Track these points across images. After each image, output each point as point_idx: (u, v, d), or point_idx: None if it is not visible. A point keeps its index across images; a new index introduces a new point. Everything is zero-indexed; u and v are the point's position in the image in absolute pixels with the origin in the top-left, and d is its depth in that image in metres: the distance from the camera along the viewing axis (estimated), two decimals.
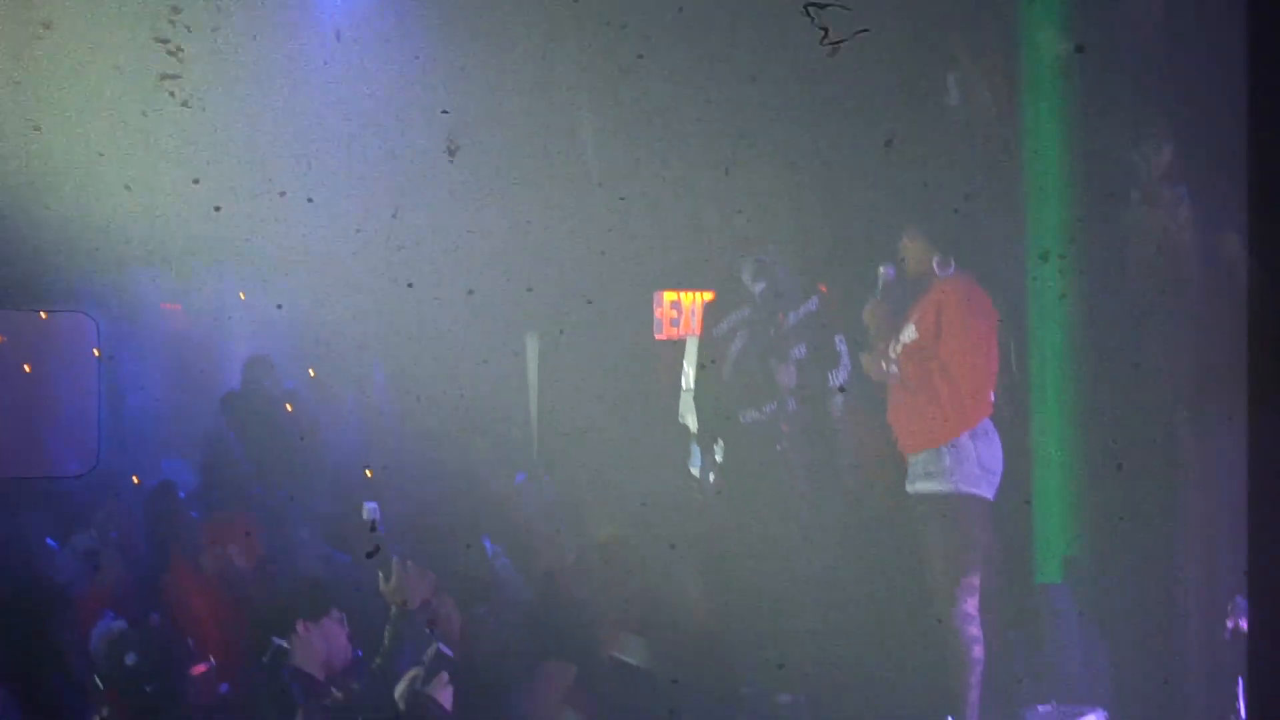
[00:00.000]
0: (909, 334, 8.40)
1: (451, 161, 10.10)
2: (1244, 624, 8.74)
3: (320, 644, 7.41)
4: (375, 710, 7.24)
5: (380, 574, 7.70)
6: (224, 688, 8.21)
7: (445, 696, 7.33)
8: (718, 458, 10.48)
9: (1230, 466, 8.97)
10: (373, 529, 8.44)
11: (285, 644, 7.37)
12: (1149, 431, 9.19)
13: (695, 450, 11.46)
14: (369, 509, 8.59)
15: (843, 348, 9.77)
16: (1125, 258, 9.31)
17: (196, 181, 9.32)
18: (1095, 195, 9.69)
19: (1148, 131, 9.52)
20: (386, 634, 7.54)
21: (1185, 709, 9.01)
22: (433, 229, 10.56)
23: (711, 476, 10.60)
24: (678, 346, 12.18)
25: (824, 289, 10.22)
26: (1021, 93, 9.84)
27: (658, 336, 12.16)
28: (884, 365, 8.45)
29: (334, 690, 7.37)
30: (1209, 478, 9.00)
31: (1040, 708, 8.98)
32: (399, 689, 7.32)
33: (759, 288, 9.92)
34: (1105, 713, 9.01)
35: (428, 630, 7.65)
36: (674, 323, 12.27)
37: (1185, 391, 9.13)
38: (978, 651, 8.22)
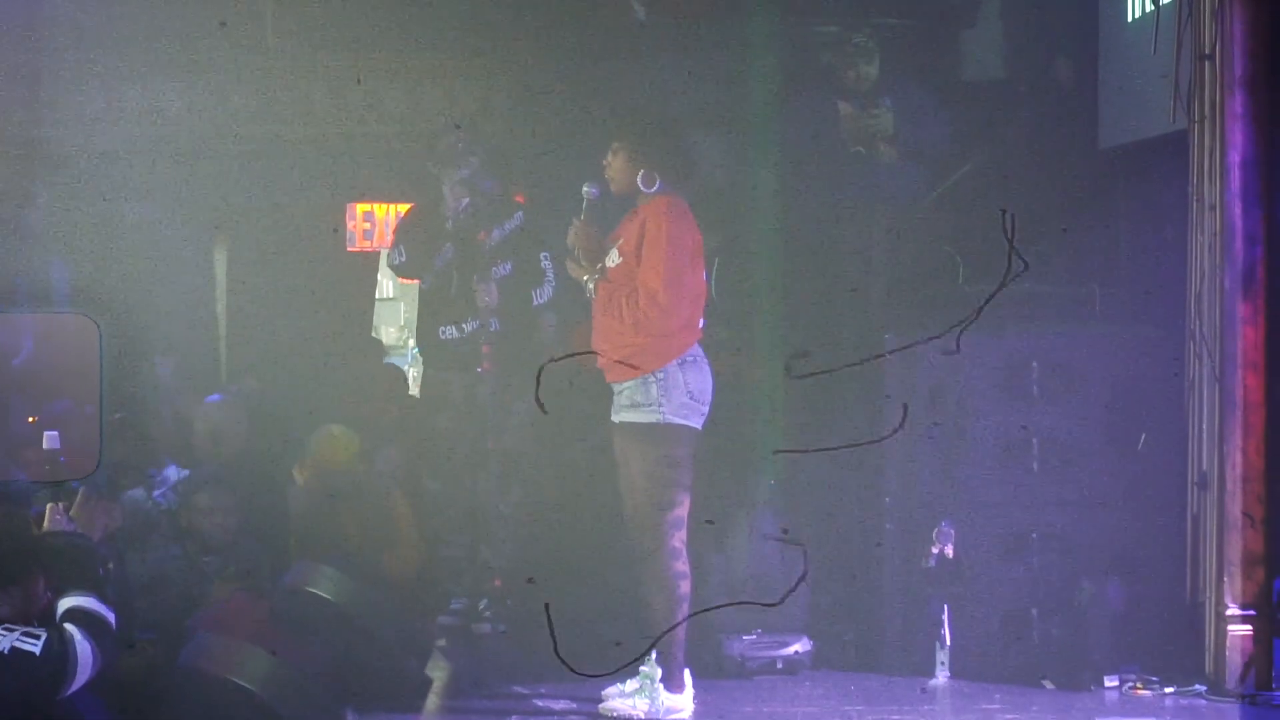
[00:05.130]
0: (613, 258, 8.14)
1: None
2: (950, 550, 8.77)
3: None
4: None
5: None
6: None
7: None
8: (412, 377, 10.23)
9: (934, 390, 9.01)
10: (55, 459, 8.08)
11: None
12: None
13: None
14: (49, 438, 8.20)
15: (548, 264, 9.58)
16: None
17: None
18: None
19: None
20: None
21: (890, 635, 9.06)
22: None
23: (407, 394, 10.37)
24: (370, 259, 11.95)
25: (521, 199, 10.01)
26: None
27: (349, 249, 11.86)
28: (589, 289, 8.18)
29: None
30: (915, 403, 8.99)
31: (745, 637, 8.95)
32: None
33: (463, 203, 9.64)
34: (810, 640, 8.99)
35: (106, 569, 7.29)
36: (367, 235, 12.01)
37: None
38: (685, 587, 8.04)
